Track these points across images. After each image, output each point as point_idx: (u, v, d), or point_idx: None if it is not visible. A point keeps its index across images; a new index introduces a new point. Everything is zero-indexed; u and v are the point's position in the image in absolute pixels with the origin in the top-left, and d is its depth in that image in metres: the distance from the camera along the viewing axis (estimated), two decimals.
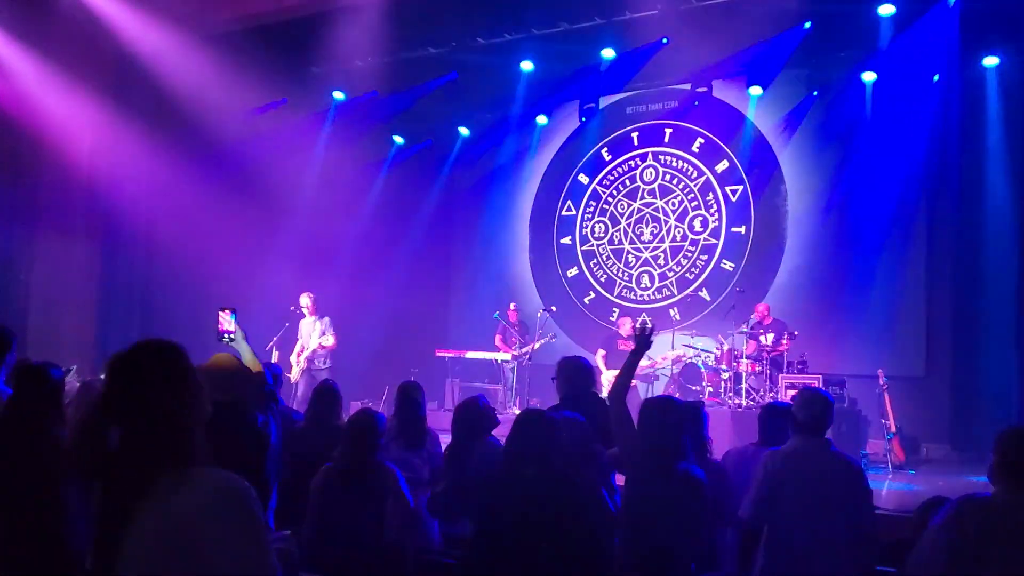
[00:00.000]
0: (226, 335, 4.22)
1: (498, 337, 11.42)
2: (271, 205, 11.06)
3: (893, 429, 8.60)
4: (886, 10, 9.23)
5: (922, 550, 3.09)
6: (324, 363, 9.69)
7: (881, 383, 8.85)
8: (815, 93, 10.89)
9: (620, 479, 4.33)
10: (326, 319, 9.79)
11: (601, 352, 10.40)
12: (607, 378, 10.16)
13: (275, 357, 9.57)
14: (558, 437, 3.54)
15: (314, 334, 9.70)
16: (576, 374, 4.71)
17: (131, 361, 1.91)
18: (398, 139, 12.95)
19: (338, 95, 11.49)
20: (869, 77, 10.24)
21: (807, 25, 9.72)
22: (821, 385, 8.57)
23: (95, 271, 10.50)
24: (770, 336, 9.62)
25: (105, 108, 10.04)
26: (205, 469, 1.85)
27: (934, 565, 3.07)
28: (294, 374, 9.58)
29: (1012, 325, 7.93)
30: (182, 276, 10.44)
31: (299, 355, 9.74)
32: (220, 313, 4.22)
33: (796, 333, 9.56)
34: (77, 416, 3.53)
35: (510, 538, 3.38)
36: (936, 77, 9.86)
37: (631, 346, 10.98)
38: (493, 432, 4.65)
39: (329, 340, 9.68)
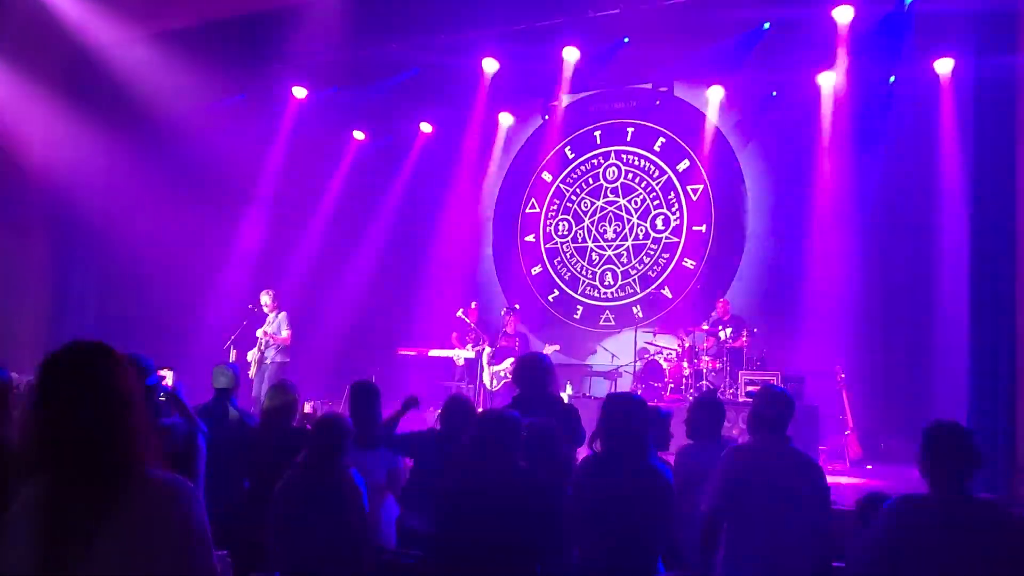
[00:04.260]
0: (162, 392, 4.29)
1: (454, 335, 11.42)
2: (229, 202, 10.93)
3: (850, 425, 8.72)
4: (843, 13, 9.35)
5: (863, 549, 3.17)
6: (277, 357, 9.58)
7: (838, 379, 8.97)
8: (774, 94, 11.01)
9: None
10: (283, 314, 9.69)
11: (488, 350, 10.54)
12: (488, 375, 10.46)
13: (233, 356, 9.47)
14: (520, 436, 3.54)
15: (270, 328, 9.61)
16: (534, 373, 4.68)
17: (75, 362, 1.85)
18: (359, 135, 12.85)
19: (298, 91, 11.36)
20: (827, 78, 10.37)
21: (766, 26, 9.81)
22: (780, 381, 8.67)
23: (48, 268, 10.29)
24: (728, 331, 9.74)
25: (59, 102, 9.84)
26: (154, 473, 1.83)
27: (874, 563, 3.16)
28: (252, 371, 9.46)
29: (966, 321, 8.07)
30: (138, 273, 10.27)
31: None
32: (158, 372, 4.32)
33: (756, 330, 9.67)
34: (23, 417, 3.43)
35: (471, 536, 3.37)
36: (892, 79, 10.02)
37: (512, 342, 11.05)
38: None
39: (284, 334, 9.58)
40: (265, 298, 9.74)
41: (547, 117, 12.67)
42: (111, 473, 1.77)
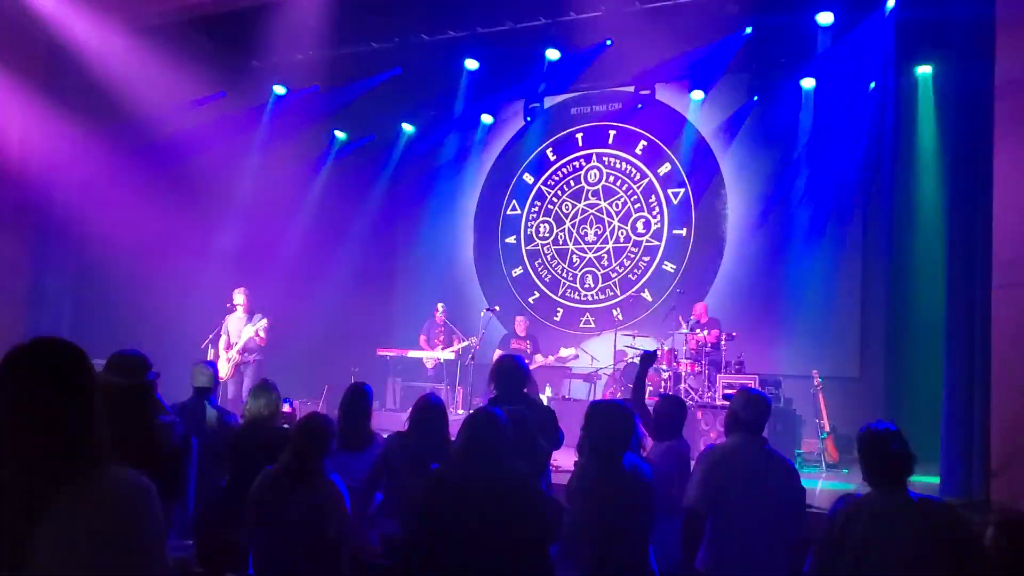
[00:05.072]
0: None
1: (422, 337, 11.39)
2: (208, 200, 10.82)
3: (827, 428, 8.77)
4: (825, 18, 9.42)
5: (813, 551, 3.27)
6: (258, 357, 9.52)
7: (816, 383, 9.03)
8: (755, 98, 11.06)
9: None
10: (259, 315, 9.62)
11: (498, 352, 10.48)
12: None
13: (210, 355, 9.39)
14: (508, 436, 3.55)
15: (246, 330, 9.53)
16: (510, 374, 4.73)
17: (31, 357, 1.84)
18: (340, 134, 12.79)
19: (279, 89, 11.29)
20: (808, 83, 10.44)
21: (748, 31, 9.86)
22: (757, 385, 8.71)
23: (24, 266, 10.14)
24: (706, 332, 9.78)
25: (36, 98, 9.70)
26: (110, 469, 1.81)
27: (815, 563, 3.30)
28: (225, 371, 9.34)
29: (943, 327, 8.13)
30: (115, 270, 10.14)
31: (227, 350, 9.54)
32: None
33: (734, 334, 9.71)
34: None
35: (456, 538, 3.36)
36: (872, 85, 10.10)
37: (523, 345, 11.03)
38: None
39: (263, 333, 9.53)
40: (239, 297, 9.67)
41: (529, 119, 12.67)
42: (59, 466, 1.76)
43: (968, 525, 3.16)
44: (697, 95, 11.37)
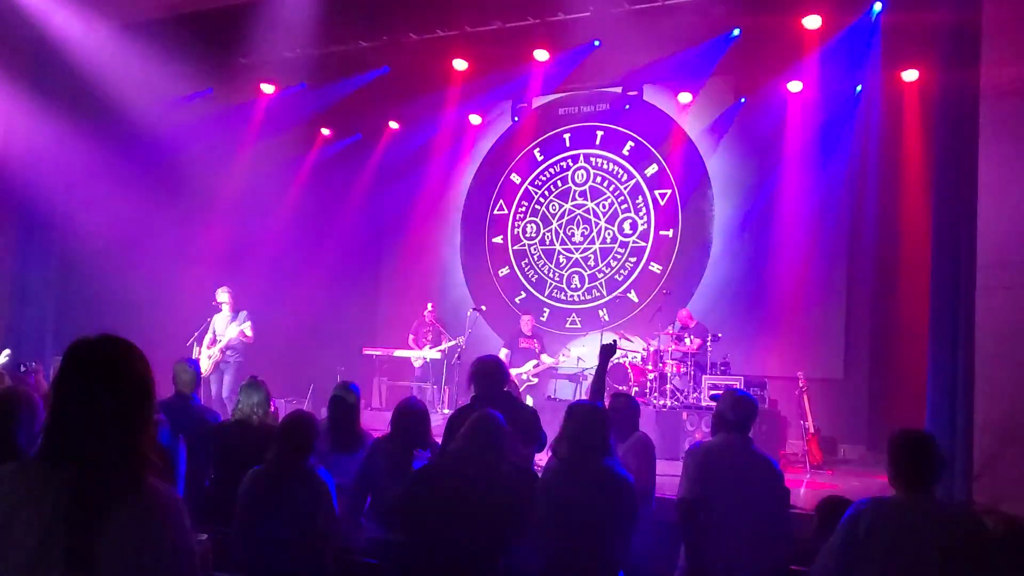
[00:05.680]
0: None
1: (410, 337, 11.37)
2: (195, 197, 10.77)
3: (812, 430, 8.81)
4: (812, 22, 9.46)
5: (827, 552, 3.26)
6: (239, 357, 9.48)
7: (800, 385, 9.06)
8: (743, 100, 11.10)
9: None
10: (245, 312, 9.58)
11: (504, 351, 10.48)
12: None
13: (196, 353, 9.34)
14: (508, 441, 3.56)
15: (231, 328, 9.48)
16: (489, 374, 4.75)
17: (104, 354, 1.85)
18: (327, 133, 12.75)
19: (266, 86, 11.25)
20: (795, 86, 10.49)
21: (736, 33, 9.90)
22: (743, 386, 8.73)
23: (8, 263, 10.08)
24: (696, 340, 9.81)
25: (21, 93, 9.64)
26: (152, 482, 1.82)
27: (831, 563, 3.25)
28: (205, 368, 9.28)
29: (927, 329, 8.17)
30: (100, 269, 10.07)
31: (210, 347, 9.49)
32: None
33: (720, 335, 9.74)
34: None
35: (446, 535, 3.36)
36: (858, 88, 10.16)
37: (531, 344, 11.03)
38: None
39: (249, 333, 9.49)
40: (223, 295, 9.62)
41: (516, 119, 12.67)
42: (128, 466, 1.78)
43: (990, 533, 3.18)
44: (684, 97, 11.41)
